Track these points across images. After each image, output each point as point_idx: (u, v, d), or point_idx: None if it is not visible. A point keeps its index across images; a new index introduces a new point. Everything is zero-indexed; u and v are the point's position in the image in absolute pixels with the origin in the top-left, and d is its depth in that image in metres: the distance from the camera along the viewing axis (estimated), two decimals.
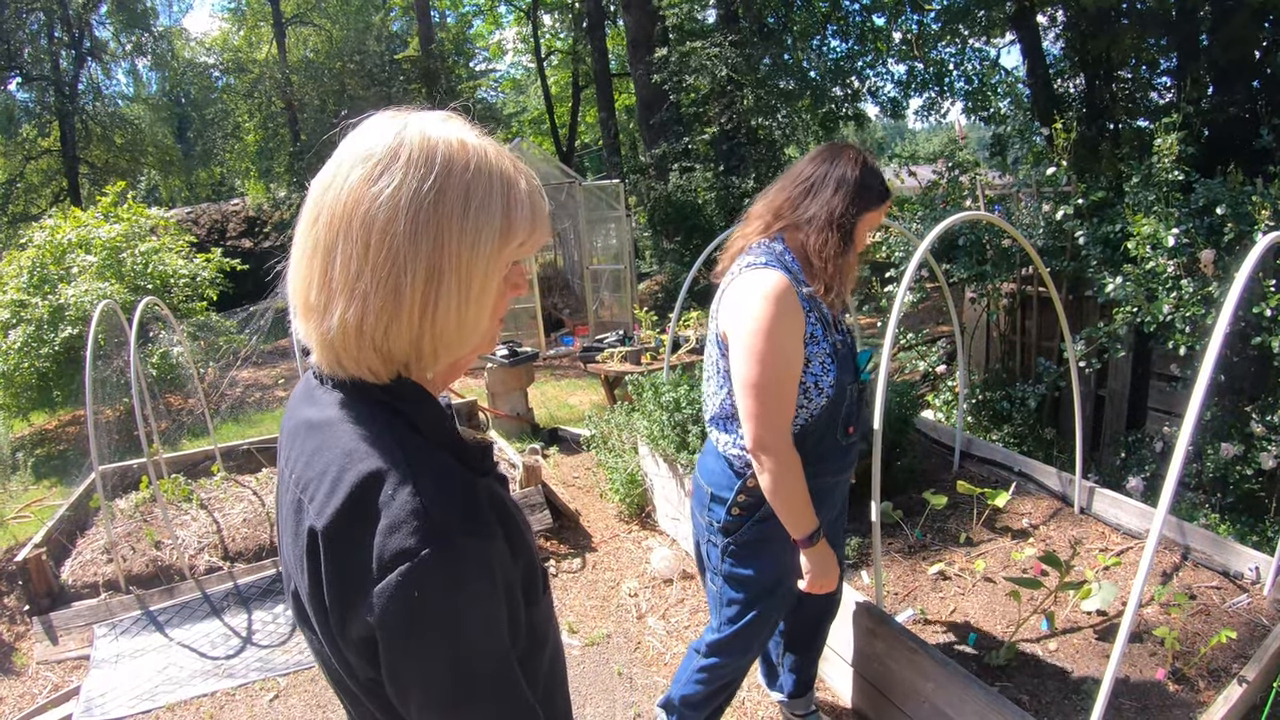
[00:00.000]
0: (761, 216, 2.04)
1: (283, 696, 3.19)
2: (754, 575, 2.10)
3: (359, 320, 0.82)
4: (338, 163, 0.84)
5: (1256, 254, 2.06)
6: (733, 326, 1.89)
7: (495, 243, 0.86)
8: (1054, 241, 4.41)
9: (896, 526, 3.56)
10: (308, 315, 0.85)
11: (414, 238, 0.81)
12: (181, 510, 4.45)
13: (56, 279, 7.05)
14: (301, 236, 0.85)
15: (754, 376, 1.83)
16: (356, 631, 0.79)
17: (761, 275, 1.87)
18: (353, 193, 0.81)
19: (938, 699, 2.37)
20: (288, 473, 0.91)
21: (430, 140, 0.83)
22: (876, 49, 13.46)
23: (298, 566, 0.85)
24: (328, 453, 0.85)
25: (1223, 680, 2.43)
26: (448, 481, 0.83)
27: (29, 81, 19.61)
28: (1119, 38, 9.27)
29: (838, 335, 2.02)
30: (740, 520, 2.06)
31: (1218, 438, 3.69)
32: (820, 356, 1.93)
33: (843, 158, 1.98)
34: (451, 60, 19.62)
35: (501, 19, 26.46)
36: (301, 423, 0.92)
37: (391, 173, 0.81)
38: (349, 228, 0.80)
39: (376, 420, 0.86)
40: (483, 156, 0.86)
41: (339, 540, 0.79)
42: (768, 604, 2.14)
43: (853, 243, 1.96)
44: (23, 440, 7.47)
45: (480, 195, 0.85)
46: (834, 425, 2.01)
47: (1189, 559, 3.13)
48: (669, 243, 12.50)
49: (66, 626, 3.64)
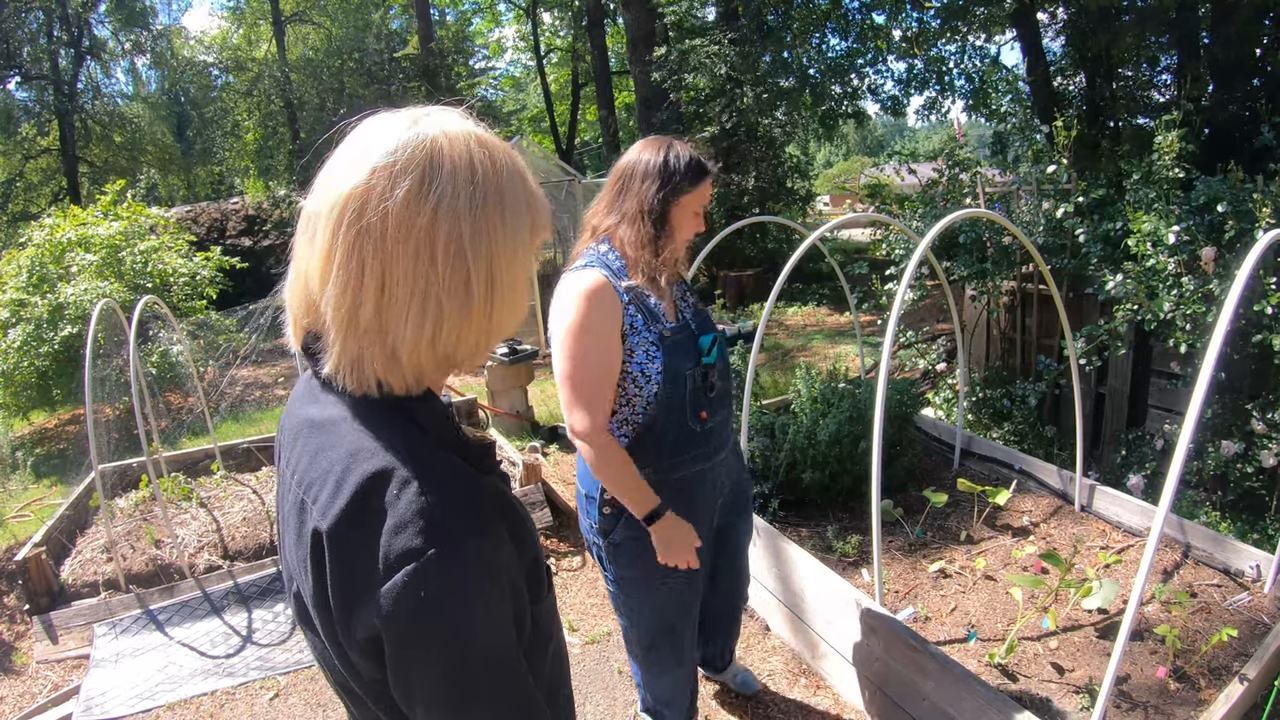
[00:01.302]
0: (589, 223, 2.14)
1: (283, 695, 3.19)
2: (638, 575, 2.15)
3: (433, 333, 0.83)
4: (363, 171, 0.81)
5: (1257, 252, 2.05)
6: (552, 326, 1.97)
7: (528, 238, 0.89)
8: (1054, 239, 4.41)
9: (897, 524, 3.56)
10: (349, 332, 0.83)
11: (474, 243, 0.82)
12: (181, 509, 4.45)
13: (56, 278, 7.04)
14: (325, 249, 0.82)
15: (567, 370, 1.91)
16: (362, 632, 0.78)
17: (577, 276, 1.96)
18: (405, 205, 0.80)
19: (938, 697, 2.37)
20: (289, 473, 0.90)
21: (461, 143, 0.83)
22: (876, 47, 13.43)
23: (301, 568, 0.84)
24: (331, 452, 0.84)
25: (1224, 678, 2.43)
26: (453, 481, 0.83)
27: (28, 80, 19.62)
28: (1120, 35, 9.25)
29: (669, 324, 2.06)
30: (613, 520, 2.10)
31: (1218, 435, 3.69)
32: (644, 346, 2.00)
33: (650, 148, 2.06)
34: (451, 58, 19.59)
35: (501, 17, 26.47)
36: (304, 422, 0.91)
37: (439, 181, 0.81)
38: (408, 241, 0.80)
39: (382, 419, 0.86)
40: (502, 153, 0.87)
41: (344, 541, 0.79)
42: (661, 595, 2.19)
43: (666, 228, 2.04)
44: (22, 439, 7.47)
45: (511, 194, 0.86)
46: (680, 412, 2.04)
47: (1190, 557, 3.13)
48: None
49: (66, 625, 3.64)
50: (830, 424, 3.67)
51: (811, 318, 10.56)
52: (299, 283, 0.87)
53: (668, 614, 2.24)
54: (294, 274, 0.88)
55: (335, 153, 0.86)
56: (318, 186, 0.85)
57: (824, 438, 3.65)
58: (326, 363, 0.85)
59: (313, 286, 0.84)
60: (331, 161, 0.86)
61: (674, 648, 2.31)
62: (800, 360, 5.85)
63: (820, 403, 3.88)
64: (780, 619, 3.26)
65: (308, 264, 0.85)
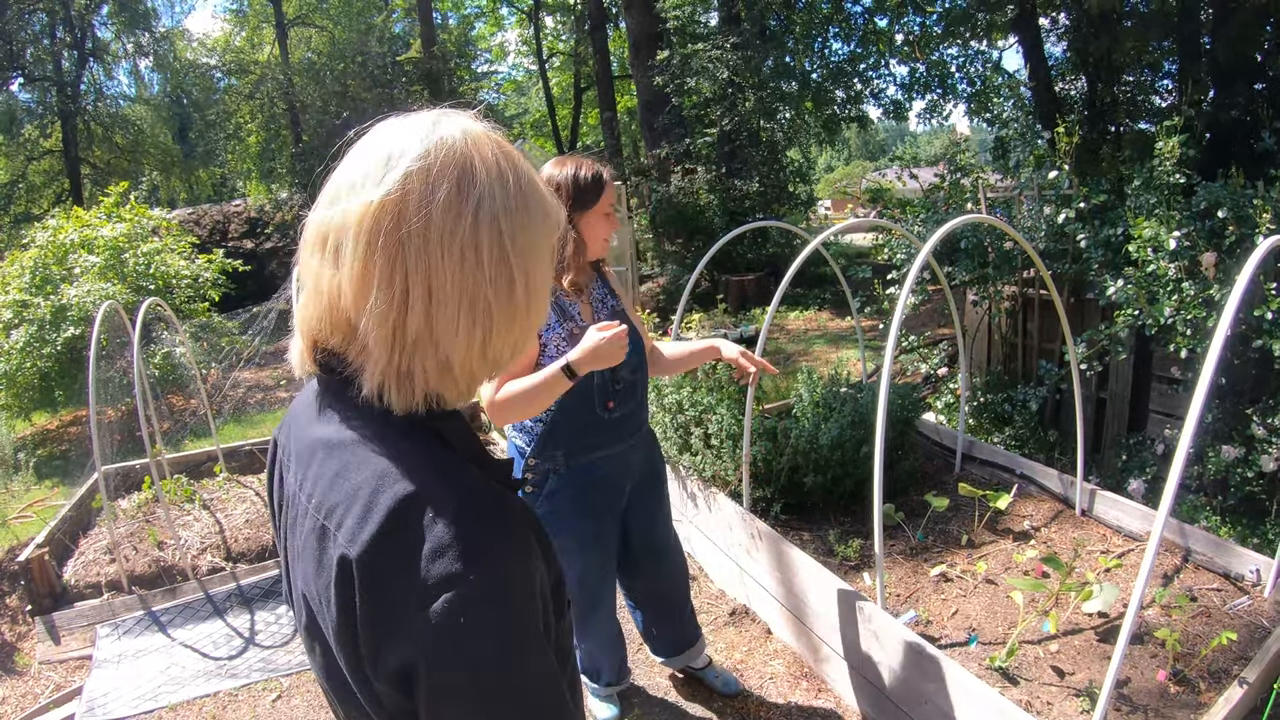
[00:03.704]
0: None
1: (285, 697, 3.20)
2: (564, 544, 2.34)
3: (484, 338, 0.81)
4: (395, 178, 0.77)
5: (1258, 257, 2.06)
6: None
7: (549, 237, 0.89)
8: (1055, 244, 4.42)
9: (898, 528, 3.57)
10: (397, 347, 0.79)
11: (515, 244, 0.81)
12: (184, 511, 4.46)
13: (59, 279, 7.05)
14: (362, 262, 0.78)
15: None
16: (394, 661, 0.74)
17: None
18: (446, 210, 0.77)
19: (939, 700, 2.38)
20: (303, 497, 0.86)
21: (485, 144, 0.82)
22: (879, 51, 13.46)
23: (323, 597, 0.80)
24: (354, 475, 0.80)
25: (1223, 682, 2.43)
26: (485, 500, 0.80)
27: (31, 82, 19.65)
28: (1121, 40, 9.27)
29: (581, 323, 2.25)
30: (533, 498, 2.32)
31: (1219, 440, 3.70)
32: (555, 341, 2.21)
33: (563, 167, 2.24)
34: (453, 62, 19.63)
35: (503, 21, 26.47)
36: (317, 443, 0.87)
37: (476, 183, 0.79)
38: (453, 246, 0.78)
39: (406, 437, 0.83)
40: (517, 154, 0.87)
41: (375, 567, 0.75)
42: (583, 563, 2.44)
43: (576, 239, 2.24)
44: (25, 440, 7.48)
45: (534, 194, 0.86)
46: (588, 401, 2.26)
47: (1190, 561, 3.13)
48: (671, 245, 12.50)
49: (69, 626, 3.65)
50: (832, 428, 3.68)
51: (813, 322, 10.56)
52: (319, 303, 0.82)
53: (590, 579, 2.49)
54: (311, 294, 0.83)
55: (348, 161, 0.83)
56: (335, 197, 0.81)
57: (826, 442, 3.65)
58: (365, 381, 0.81)
59: (345, 304, 0.79)
60: (347, 170, 0.82)
61: (595, 611, 2.59)
62: (802, 364, 5.86)
63: (822, 407, 3.89)
64: (782, 622, 3.26)
65: (332, 281, 0.80)
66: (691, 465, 3.87)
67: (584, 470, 2.34)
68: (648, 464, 2.58)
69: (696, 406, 3.93)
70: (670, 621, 2.91)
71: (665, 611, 2.88)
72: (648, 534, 2.66)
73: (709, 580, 3.82)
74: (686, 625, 2.94)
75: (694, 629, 2.98)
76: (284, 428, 0.99)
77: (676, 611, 2.89)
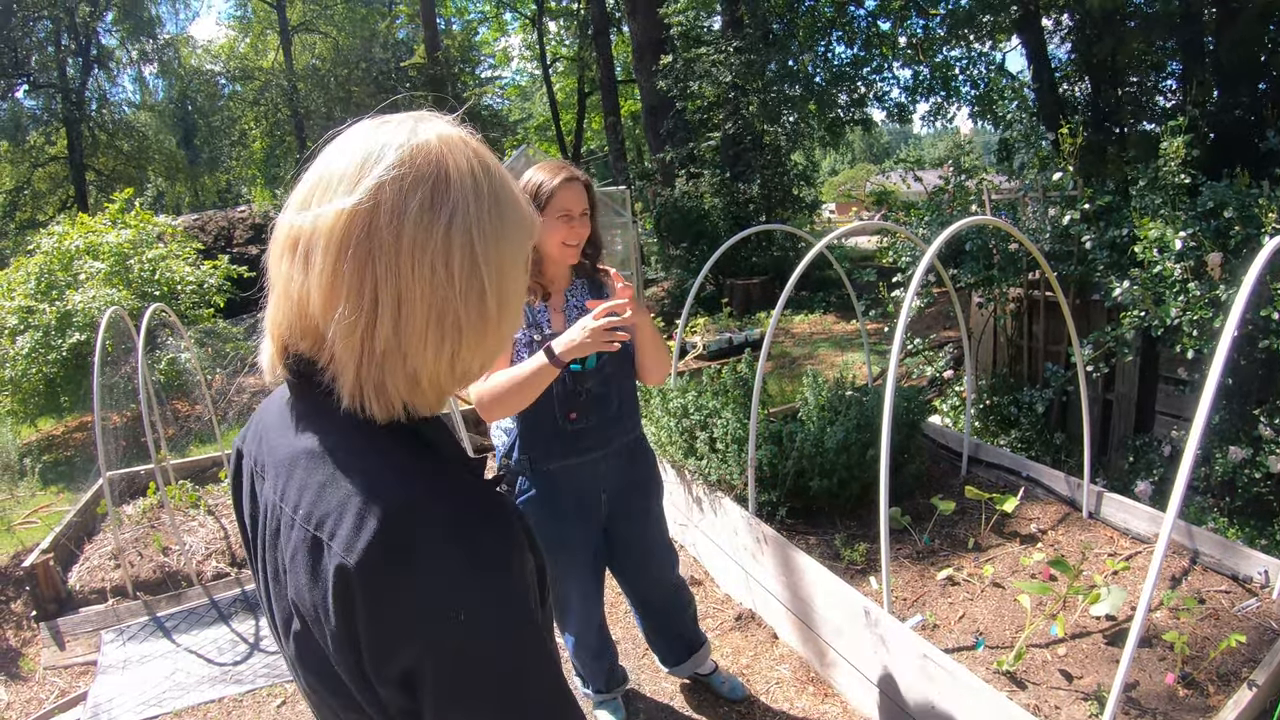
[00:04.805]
0: None
1: (290, 702, 3.19)
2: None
3: (453, 352, 0.80)
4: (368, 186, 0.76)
5: (1264, 257, 2.05)
6: None
7: (523, 247, 0.87)
8: (1061, 246, 4.41)
9: (905, 532, 3.55)
10: (366, 358, 0.78)
11: (486, 256, 0.80)
12: (189, 516, 4.46)
13: (64, 285, 7.08)
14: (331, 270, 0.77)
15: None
16: (398, 666, 0.74)
17: None
18: (418, 221, 0.76)
19: (946, 705, 2.36)
20: (287, 509, 0.83)
21: (460, 151, 0.81)
22: (882, 54, 13.45)
23: (320, 607, 0.78)
24: (343, 484, 0.78)
25: (1232, 685, 2.42)
26: (474, 499, 0.81)
27: (36, 89, 19.79)
28: (1125, 41, 9.25)
29: (549, 331, 2.22)
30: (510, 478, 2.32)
31: (1226, 441, 3.68)
32: (517, 348, 2.20)
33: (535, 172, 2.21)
34: (457, 67, 19.69)
35: (507, 26, 26.62)
36: (299, 452, 0.84)
37: (450, 194, 0.78)
38: (423, 258, 0.77)
39: (387, 442, 0.82)
40: (492, 159, 0.85)
41: (375, 574, 0.74)
42: (559, 568, 2.42)
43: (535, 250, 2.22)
44: (30, 446, 7.50)
45: (509, 202, 0.84)
46: (549, 410, 2.23)
47: (1198, 563, 3.12)
48: (675, 249, 12.48)
49: (74, 632, 3.65)
50: (838, 431, 3.67)
51: (818, 325, 10.54)
52: (288, 308, 0.81)
53: (565, 587, 2.49)
54: (281, 297, 0.82)
55: (321, 164, 0.82)
56: (306, 201, 0.80)
57: (831, 445, 3.64)
58: (343, 391, 0.80)
59: (313, 311, 0.79)
60: (320, 173, 0.81)
61: (577, 620, 2.60)
62: (807, 368, 5.85)
63: (828, 410, 3.88)
64: (789, 627, 3.25)
65: (301, 287, 0.79)
66: (697, 469, 3.87)
67: (546, 477, 2.33)
68: (625, 475, 2.48)
69: (702, 410, 3.92)
70: (664, 634, 2.89)
71: (658, 623, 2.87)
72: (629, 544, 2.61)
73: (715, 585, 3.81)
74: (685, 636, 2.91)
75: (696, 638, 2.94)
76: (251, 437, 0.96)
77: (670, 623, 2.87)
